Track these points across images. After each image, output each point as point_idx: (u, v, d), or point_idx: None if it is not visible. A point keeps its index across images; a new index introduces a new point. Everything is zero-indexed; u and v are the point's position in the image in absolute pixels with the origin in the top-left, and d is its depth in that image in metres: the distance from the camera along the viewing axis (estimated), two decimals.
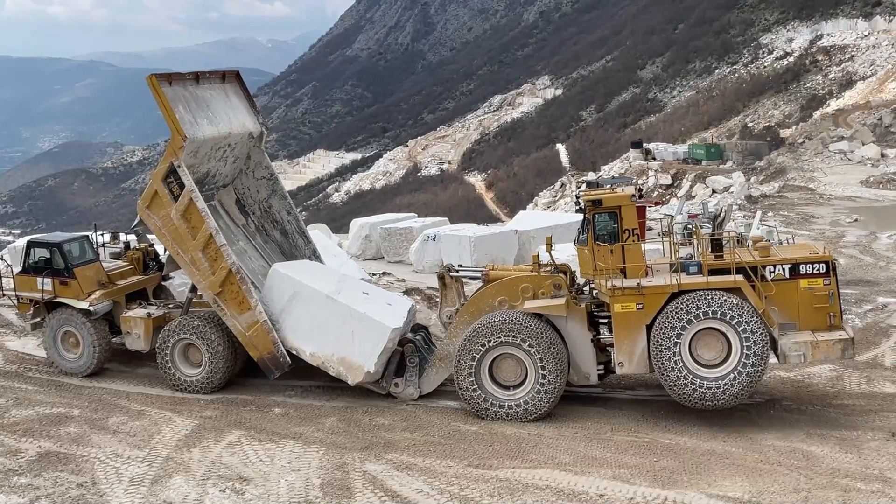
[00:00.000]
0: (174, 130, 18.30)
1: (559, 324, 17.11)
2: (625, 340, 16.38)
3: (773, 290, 16.06)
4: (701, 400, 15.79)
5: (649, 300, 16.08)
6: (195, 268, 18.64)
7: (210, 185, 20.65)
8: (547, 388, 16.63)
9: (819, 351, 16.00)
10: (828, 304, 16.18)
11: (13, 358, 21.35)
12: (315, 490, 13.74)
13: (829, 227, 38.98)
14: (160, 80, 18.37)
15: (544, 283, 17.43)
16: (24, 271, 20.75)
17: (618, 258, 16.61)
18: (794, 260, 16.39)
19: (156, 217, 18.87)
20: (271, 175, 21.60)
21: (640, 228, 17.07)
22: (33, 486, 13.95)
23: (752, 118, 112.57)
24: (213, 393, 18.86)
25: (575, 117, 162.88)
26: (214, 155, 20.04)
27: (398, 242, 32.81)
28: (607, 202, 16.86)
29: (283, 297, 18.66)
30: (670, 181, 67.62)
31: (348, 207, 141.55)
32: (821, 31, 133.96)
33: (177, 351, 19.07)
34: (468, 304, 18.05)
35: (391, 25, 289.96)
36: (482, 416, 16.91)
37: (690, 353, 15.79)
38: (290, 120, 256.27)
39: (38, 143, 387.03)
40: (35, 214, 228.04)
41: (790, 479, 13.73)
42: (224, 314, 18.54)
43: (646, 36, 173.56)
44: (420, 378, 18.29)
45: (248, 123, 20.80)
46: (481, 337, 16.80)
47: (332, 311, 18.26)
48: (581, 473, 14.14)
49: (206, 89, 19.81)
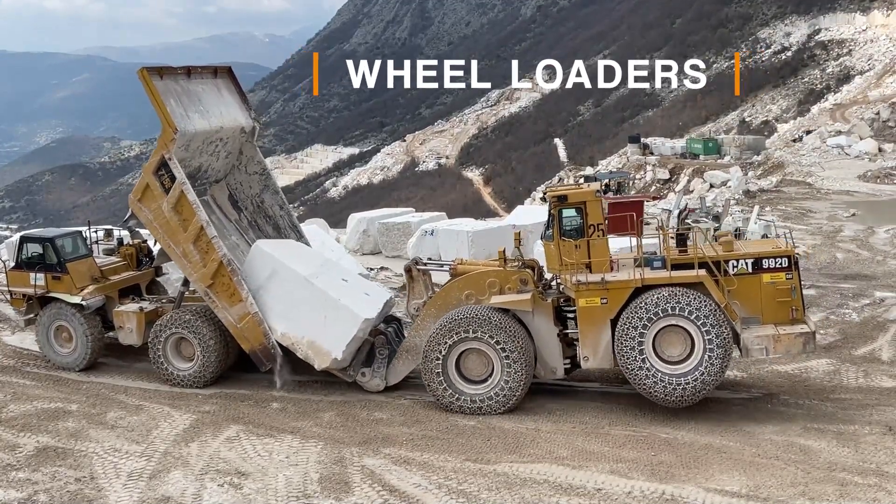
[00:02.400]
0: (165, 123, 18.34)
1: (526, 319, 17.28)
2: (589, 335, 16.59)
3: (735, 285, 16.20)
4: (665, 395, 15.94)
5: (613, 295, 16.27)
6: (187, 260, 18.68)
7: (202, 180, 20.67)
8: (512, 383, 16.79)
9: (781, 345, 16.16)
10: (790, 298, 16.35)
11: (11, 353, 21.36)
12: (313, 484, 13.76)
13: (826, 222, 39.00)
14: (151, 74, 18.43)
15: (511, 279, 17.56)
16: (17, 266, 20.77)
17: (583, 253, 16.85)
18: (757, 254, 16.56)
19: (147, 210, 18.90)
20: (263, 170, 21.63)
21: (638, 221, 17.17)
22: (31, 481, 13.96)
23: (750, 113, 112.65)
24: (206, 387, 18.89)
25: (573, 112, 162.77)
26: (206, 149, 20.05)
27: (396, 237, 32.83)
28: (572, 198, 17.13)
29: (263, 275, 18.71)
30: (668, 176, 67.53)
31: (346, 202, 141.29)
32: (819, 26, 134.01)
33: (169, 345, 19.11)
34: (435, 298, 18.19)
35: (389, 20, 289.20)
36: (449, 410, 17.09)
37: (654, 350, 15.95)
38: (288, 115, 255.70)
39: (35, 139, 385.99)
40: (32, 209, 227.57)
41: (787, 473, 13.77)
42: (216, 306, 18.58)
43: (643, 30, 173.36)
44: (387, 369, 18.42)
45: (240, 118, 20.82)
46: (448, 331, 16.97)
47: (308, 293, 18.33)
48: (579, 468, 14.17)
49: (197, 84, 19.86)
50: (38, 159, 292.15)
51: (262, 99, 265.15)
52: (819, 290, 25.74)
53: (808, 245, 32.52)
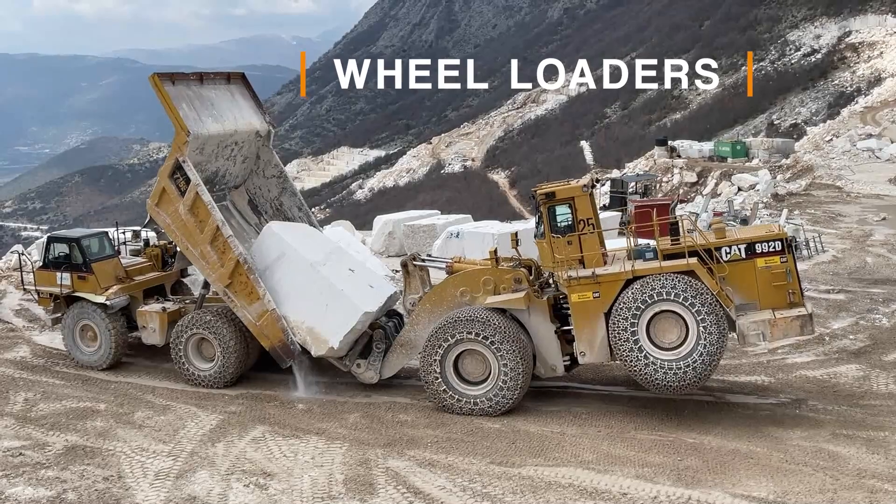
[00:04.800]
0: (177, 126, 18.56)
1: (522, 318, 17.30)
2: (584, 330, 16.57)
3: (726, 271, 16.12)
4: (664, 382, 15.81)
5: (605, 288, 16.25)
6: (205, 261, 18.87)
7: (221, 185, 20.92)
8: (509, 384, 16.78)
9: (777, 329, 15.99)
10: (786, 282, 16.16)
11: (41, 352, 21.63)
12: (338, 486, 13.80)
13: (856, 226, 38.53)
14: (163, 80, 18.69)
15: (504, 278, 17.61)
16: (44, 266, 21.10)
17: (575, 249, 16.88)
18: (749, 239, 16.47)
19: (165, 214, 19.13)
20: (280, 173, 21.83)
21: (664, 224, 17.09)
22: (60, 479, 14.11)
23: (779, 115, 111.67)
24: (226, 387, 19.03)
25: (599, 114, 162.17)
26: (222, 153, 20.27)
27: (421, 239, 32.86)
28: (560, 194, 17.19)
29: (271, 256, 18.87)
30: (695, 179, 67.10)
31: (372, 204, 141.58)
32: (849, 28, 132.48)
33: (190, 345, 19.29)
34: (430, 293, 18.28)
35: (415, 22, 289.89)
36: (448, 412, 17.13)
37: (649, 337, 15.86)
38: (315, 117, 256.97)
39: (65, 141, 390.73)
40: (61, 211, 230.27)
41: (816, 479, 13.61)
42: (235, 306, 18.72)
43: (671, 32, 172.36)
44: (382, 363, 18.52)
45: (255, 122, 21.02)
46: (444, 333, 17.03)
47: (312, 280, 18.44)
48: (604, 472, 14.09)
49: (210, 89, 20.11)
50: (68, 161, 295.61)
51: (289, 101, 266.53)
52: (848, 295, 25.45)
53: (837, 249, 32.17)
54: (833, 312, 23.82)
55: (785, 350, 20.77)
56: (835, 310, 24.07)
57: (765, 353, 20.58)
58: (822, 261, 30.31)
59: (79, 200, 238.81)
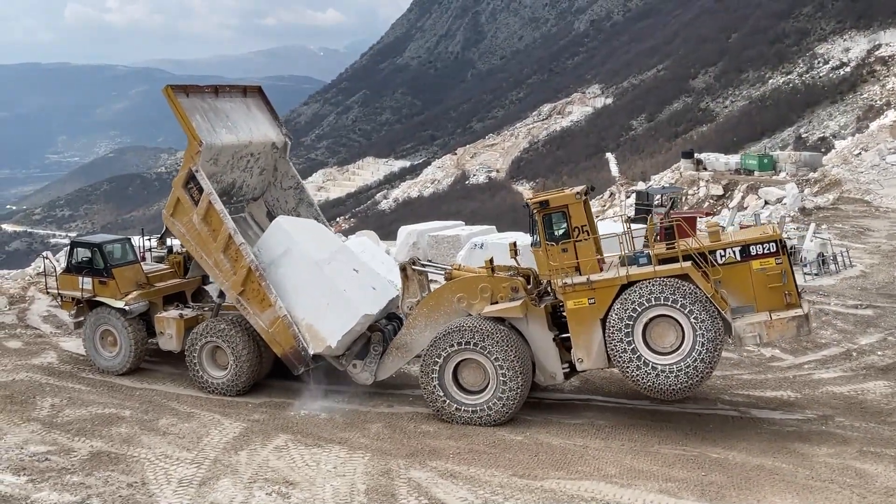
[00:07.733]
0: (190, 137, 18.85)
1: (520, 326, 17.34)
2: (581, 336, 16.61)
3: (720, 274, 16.10)
4: (661, 387, 15.77)
5: (600, 294, 16.30)
6: (218, 270, 19.06)
7: (238, 196, 21.12)
8: (508, 393, 16.79)
9: (773, 330, 16.00)
10: (782, 283, 16.13)
11: (67, 358, 21.83)
12: (360, 496, 13.80)
13: (885, 241, 38.12)
14: (177, 92, 19.00)
15: (501, 287, 17.62)
16: (67, 270, 21.44)
17: (571, 256, 16.95)
18: (744, 242, 16.43)
19: (180, 224, 19.37)
20: (297, 184, 22.08)
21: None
22: (85, 485, 14.21)
23: (807, 129, 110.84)
24: (238, 395, 19.16)
25: (625, 126, 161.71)
26: (238, 164, 20.46)
27: (445, 250, 32.87)
28: (554, 202, 17.28)
29: (277, 251, 18.99)
30: (722, 192, 66.63)
31: (396, 214, 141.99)
32: (878, 41, 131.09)
33: (204, 353, 19.48)
34: (428, 298, 18.35)
35: (442, 34, 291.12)
36: (447, 421, 17.17)
37: (645, 342, 15.83)
38: (341, 127, 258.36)
39: (94, 149, 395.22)
40: (90, 218, 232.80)
41: (842, 497, 13.45)
42: (247, 313, 18.86)
43: (698, 45, 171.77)
44: (377, 365, 18.57)
45: (271, 134, 21.25)
46: (443, 343, 17.09)
47: (315, 278, 18.56)
48: (627, 486, 14.00)
49: (225, 102, 20.40)
50: (97, 170, 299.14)
51: (315, 112, 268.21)
52: (877, 311, 25.17)
53: (865, 264, 31.84)
54: (861, 328, 23.57)
55: (811, 365, 20.58)
56: (863, 325, 23.81)
57: (791, 369, 20.40)
58: (850, 276, 30.02)
59: (107, 209, 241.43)
